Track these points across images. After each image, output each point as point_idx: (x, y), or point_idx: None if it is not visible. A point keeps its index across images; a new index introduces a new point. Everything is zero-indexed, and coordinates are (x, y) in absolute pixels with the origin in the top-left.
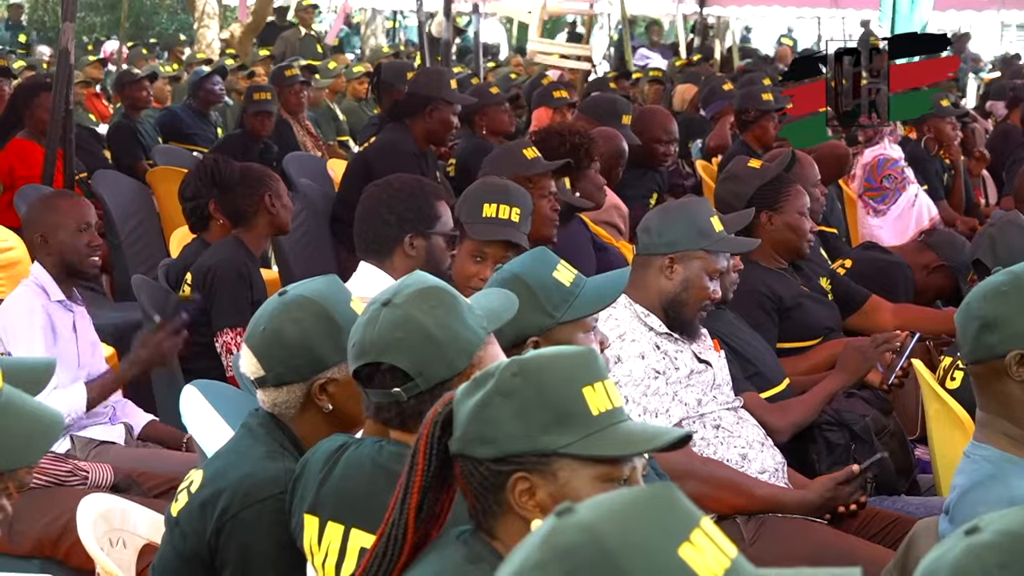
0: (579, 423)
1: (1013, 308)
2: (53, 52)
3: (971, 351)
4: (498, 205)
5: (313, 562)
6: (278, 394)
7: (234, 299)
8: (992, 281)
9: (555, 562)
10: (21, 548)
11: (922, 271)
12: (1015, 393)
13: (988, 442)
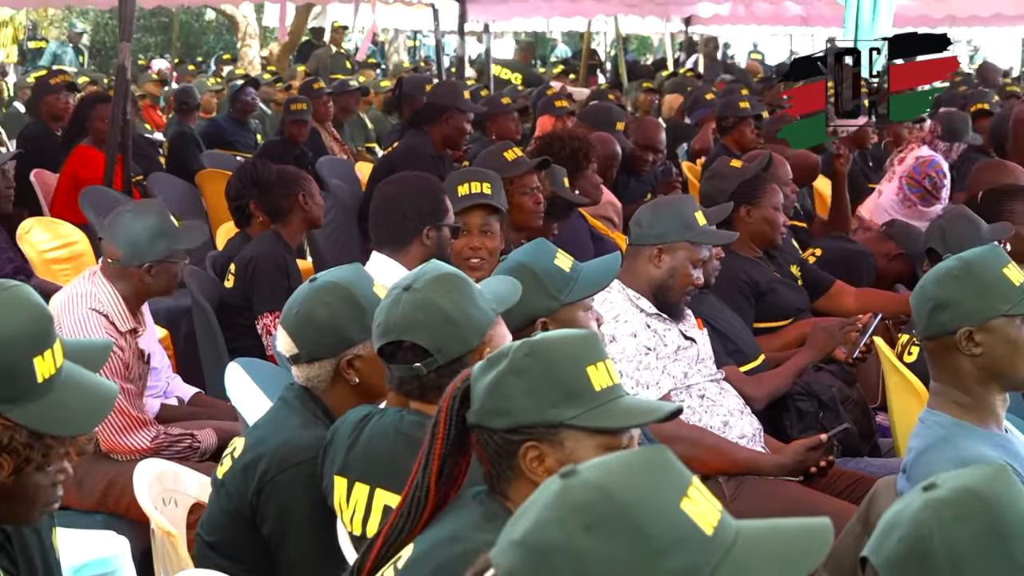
0: (584, 398)
1: (962, 290)
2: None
3: (925, 329)
4: (469, 183)
5: (342, 518)
6: (310, 369)
7: (272, 286)
8: (943, 267)
9: (573, 517)
10: (87, 504)
11: (883, 259)
12: (964, 366)
13: (940, 409)
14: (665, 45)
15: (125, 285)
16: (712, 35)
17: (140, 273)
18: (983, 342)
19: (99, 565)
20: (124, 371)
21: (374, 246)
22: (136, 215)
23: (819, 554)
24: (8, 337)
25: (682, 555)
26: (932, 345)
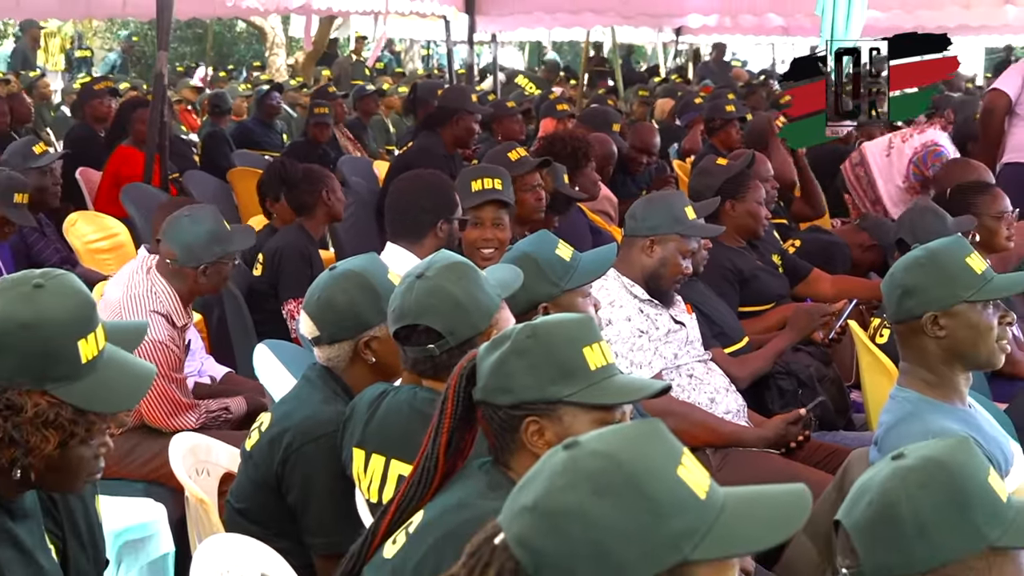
0: (580, 377)
1: (928, 278)
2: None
3: (894, 314)
4: (482, 179)
5: (360, 486)
6: (331, 350)
7: (297, 275)
8: (911, 256)
9: (583, 483)
10: (131, 473)
11: (857, 249)
12: (930, 347)
13: (909, 387)
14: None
15: (180, 284)
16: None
17: (194, 274)
18: (947, 326)
19: (138, 530)
20: (177, 364)
21: (390, 238)
22: (193, 220)
23: (799, 518)
24: (55, 321)
25: (682, 518)
26: (901, 328)
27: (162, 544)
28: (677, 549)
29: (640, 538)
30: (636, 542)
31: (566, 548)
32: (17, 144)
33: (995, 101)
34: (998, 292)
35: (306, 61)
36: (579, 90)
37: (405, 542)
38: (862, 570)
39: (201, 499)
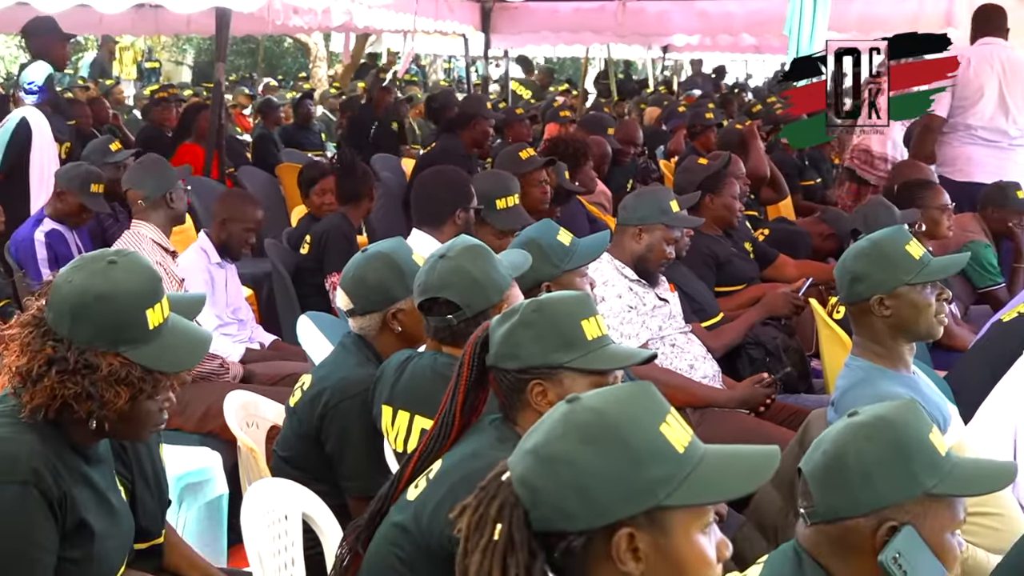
0: (579, 346)
1: (872, 265)
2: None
3: (846, 296)
4: (506, 198)
5: (388, 438)
6: (363, 321)
7: (340, 253)
8: (857, 246)
9: (573, 433)
10: (188, 426)
11: (818, 238)
12: (878, 324)
13: (862, 356)
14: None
15: (157, 216)
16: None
17: (164, 201)
18: (892, 306)
19: (197, 474)
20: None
21: (415, 224)
22: (143, 164)
23: (768, 470)
24: (126, 293)
25: (659, 467)
26: (852, 308)
27: (217, 487)
28: (653, 494)
29: (619, 482)
30: (616, 486)
31: (557, 487)
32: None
33: (933, 122)
34: (934, 275)
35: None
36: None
37: (426, 486)
38: (816, 510)
39: (251, 448)
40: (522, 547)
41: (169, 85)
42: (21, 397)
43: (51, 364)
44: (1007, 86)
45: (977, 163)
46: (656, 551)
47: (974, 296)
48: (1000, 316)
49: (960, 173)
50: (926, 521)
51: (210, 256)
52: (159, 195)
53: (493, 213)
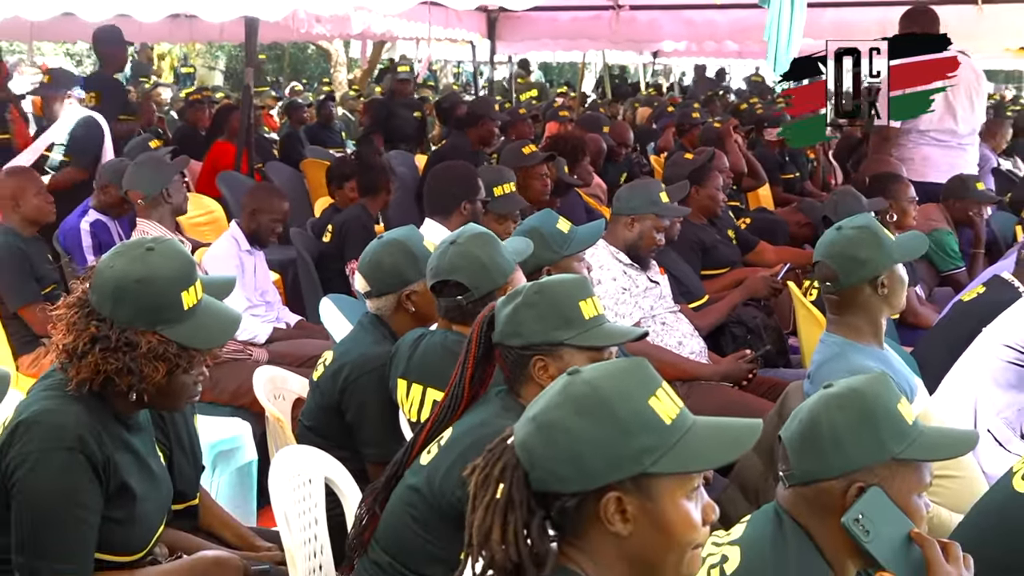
0: (577, 324)
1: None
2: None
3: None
4: (501, 186)
5: (403, 409)
6: (379, 302)
7: (358, 241)
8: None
9: (569, 404)
10: (221, 399)
11: (795, 226)
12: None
13: (836, 333)
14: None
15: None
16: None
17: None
18: (889, 284)
19: (229, 442)
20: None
21: (427, 214)
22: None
23: (749, 442)
24: (163, 277)
25: (646, 437)
26: (848, 291)
27: (247, 454)
28: (639, 462)
29: (608, 450)
30: (605, 453)
31: (552, 452)
32: (137, 140)
33: (887, 131)
34: (911, 254)
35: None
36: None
37: (438, 452)
38: (793, 474)
39: (278, 418)
40: (521, 505)
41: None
42: (68, 372)
43: (95, 342)
44: (951, 91)
45: (932, 163)
46: (643, 514)
47: (937, 279)
48: (961, 297)
49: (915, 173)
50: (894, 483)
51: (240, 244)
52: (156, 192)
53: (492, 199)
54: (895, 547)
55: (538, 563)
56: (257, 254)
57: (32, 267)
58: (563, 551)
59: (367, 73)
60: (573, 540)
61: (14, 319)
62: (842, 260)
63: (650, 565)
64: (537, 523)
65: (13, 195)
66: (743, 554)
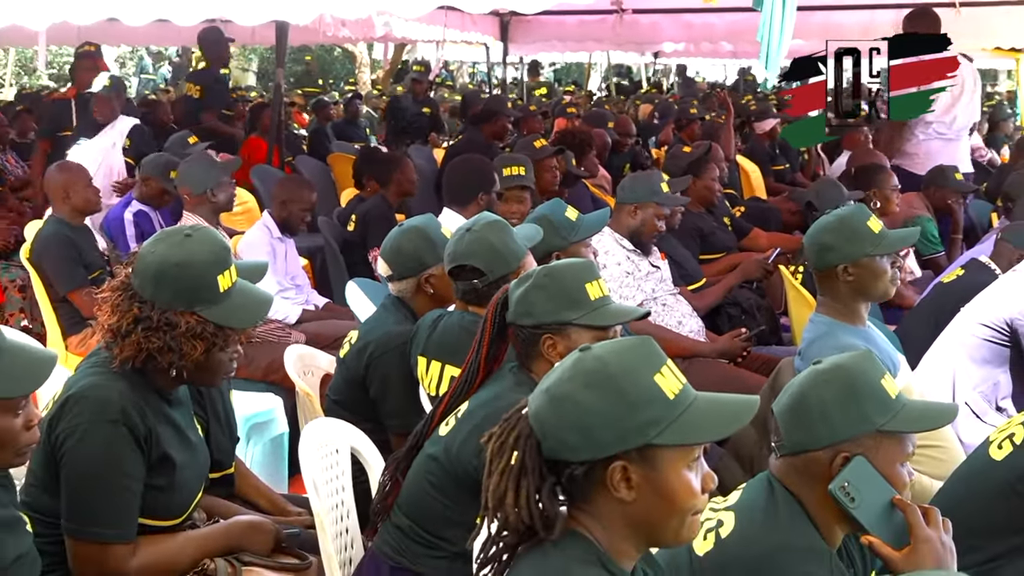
0: (584, 305)
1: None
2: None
3: (815, 263)
4: (511, 167)
5: (422, 384)
6: (400, 285)
7: (380, 230)
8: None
9: (580, 378)
10: (255, 375)
11: (786, 213)
12: (842, 288)
13: (824, 313)
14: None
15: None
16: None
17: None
18: (855, 273)
19: (262, 415)
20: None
21: (445, 204)
22: (190, 161)
23: (746, 417)
24: (200, 261)
25: (650, 411)
26: (820, 274)
27: (279, 426)
28: (643, 434)
29: (614, 422)
30: (611, 425)
31: (562, 423)
32: (176, 136)
33: (902, 125)
34: (891, 247)
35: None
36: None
37: (455, 424)
38: (784, 444)
39: (308, 393)
40: (533, 472)
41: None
42: (112, 350)
43: (137, 322)
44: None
45: (933, 158)
46: (647, 482)
47: (919, 262)
48: (941, 279)
49: (919, 167)
50: (878, 453)
51: (272, 232)
52: (202, 191)
53: (503, 177)
54: (879, 512)
55: (548, 525)
56: (287, 241)
57: (80, 254)
58: (572, 515)
59: (389, 73)
60: (581, 505)
61: (63, 302)
62: (812, 245)
63: (652, 529)
64: (548, 488)
65: (63, 187)
66: (737, 519)
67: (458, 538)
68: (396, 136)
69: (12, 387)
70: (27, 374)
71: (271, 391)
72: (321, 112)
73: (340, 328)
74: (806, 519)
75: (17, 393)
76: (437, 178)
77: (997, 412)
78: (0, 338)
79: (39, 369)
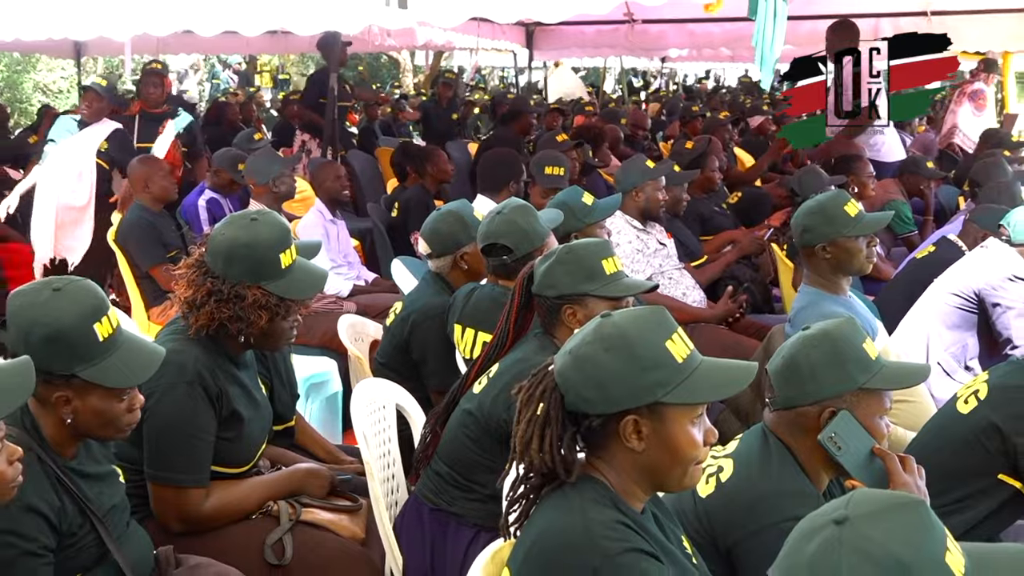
0: (600, 278)
1: (818, 220)
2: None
3: (799, 242)
4: (553, 167)
5: (458, 348)
6: (439, 262)
7: (420, 215)
8: (808, 204)
9: (599, 341)
10: (312, 341)
11: (777, 198)
12: (822, 264)
13: (811, 285)
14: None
15: (267, 198)
16: None
17: (269, 187)
18: (832, 251)
19: (319, 376)
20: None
21: (479, 191)
22: (256, 156)
23: (746, 381)
24: (265, 241)
25: (660, 372)
26: (803, 251)
27: (334, 385)
28: (653, 393)
29: (628, 381)
30: (625, 384)
31: (583, 380)
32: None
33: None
34: (865, 229)
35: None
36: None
37: (487, 383)
38: (777, 400)
39: (358, 357)
40: (556, 422)
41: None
42: (188, 320)
43: (210, 295)
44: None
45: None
46: (655, 434)
47: (895, 241)
48: (914, 255)
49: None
50: (860, 408)
51: (325, 215)
52: (265, 181)
53: (541, 175)
54: (861, 460)
55: (567, 469)
56: (339, 223)
57: (160, 236)
58: (588, 461)
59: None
60: (597, 452)
61: (146, 278)
62: (796, 226)
63: (659, 475)
64: (569, 437)
65: (144, 178)
66: (736, 465)
67: (490, 482)
68: (431, 139)
69: (125, 380)
70: (140, 369)
71: (327, 355)
72: (370, 112)
73: (386, 300)
74: (796, 465)
75: (128, 385)
76: (471, 169)
77: (965, 371)
78: (120, 333)
79: (149, 365)
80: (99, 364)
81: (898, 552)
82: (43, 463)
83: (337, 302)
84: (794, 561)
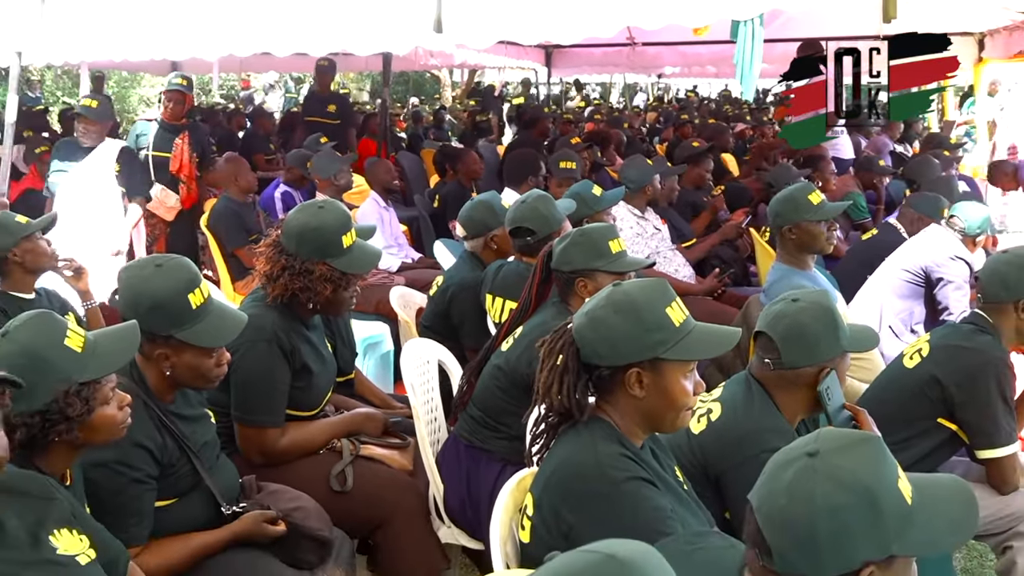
0: (607, 256)
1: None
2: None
3: (771, 225)
4: (567, 162)
5: (490, 314)
6: (473, 243)
7: (456, 206)
8: (779, 194)
9: (610, 305)
10: (368, 308)
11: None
12: (789, 244)
13: (782, 262)
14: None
15: (329, 189)
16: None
17: (330, 181)
18: (796, 233)
19: (374, 338)
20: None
21: (505, 184)
22: (319, 156)
23: (732, 342)
24: (330, 225)
25: (660, 333)
26: (775, 233)
27: (386, 345)
28: (654, 350)
29: (633, 340)
30: (630, 342)
31: (596, 337)
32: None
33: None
34: (824, 215)
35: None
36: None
37: (513, 342)
38: (782, 362)
39: (407, 321)
40: (573, 371)
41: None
42: (267, 290)
43: (284, 270)
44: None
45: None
46: (654, 384)
47: (852, 226)
48: (861, 236)
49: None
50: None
51: (379, 204)
52: (327, 176)
53: (557, 169)
54: (838, 408)
55: (581, 410)
56: (391, 211)
57: (243, 222)
58: (598, 405)
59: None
60: (605, 397)
61: (232, 257)
62: (770, 212)
63: (656, 419)
64: (582, 384)
65: (232, 173)
66: (723, 407)
67: (515, 424)
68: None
69: (213, 340)
70: (226, 331)
71: (380, 320)
72: (416, 120)
73: (430, 275)
74: (774, 407)
75: (216, 345)
76: (499, 166)
77: (911, 333)
78: (211, 302)
79: (234, 328)
80: (193, 327)
81: (864, 478)
82: (147, 407)
83: (389, 276)
84: (772, 488)
